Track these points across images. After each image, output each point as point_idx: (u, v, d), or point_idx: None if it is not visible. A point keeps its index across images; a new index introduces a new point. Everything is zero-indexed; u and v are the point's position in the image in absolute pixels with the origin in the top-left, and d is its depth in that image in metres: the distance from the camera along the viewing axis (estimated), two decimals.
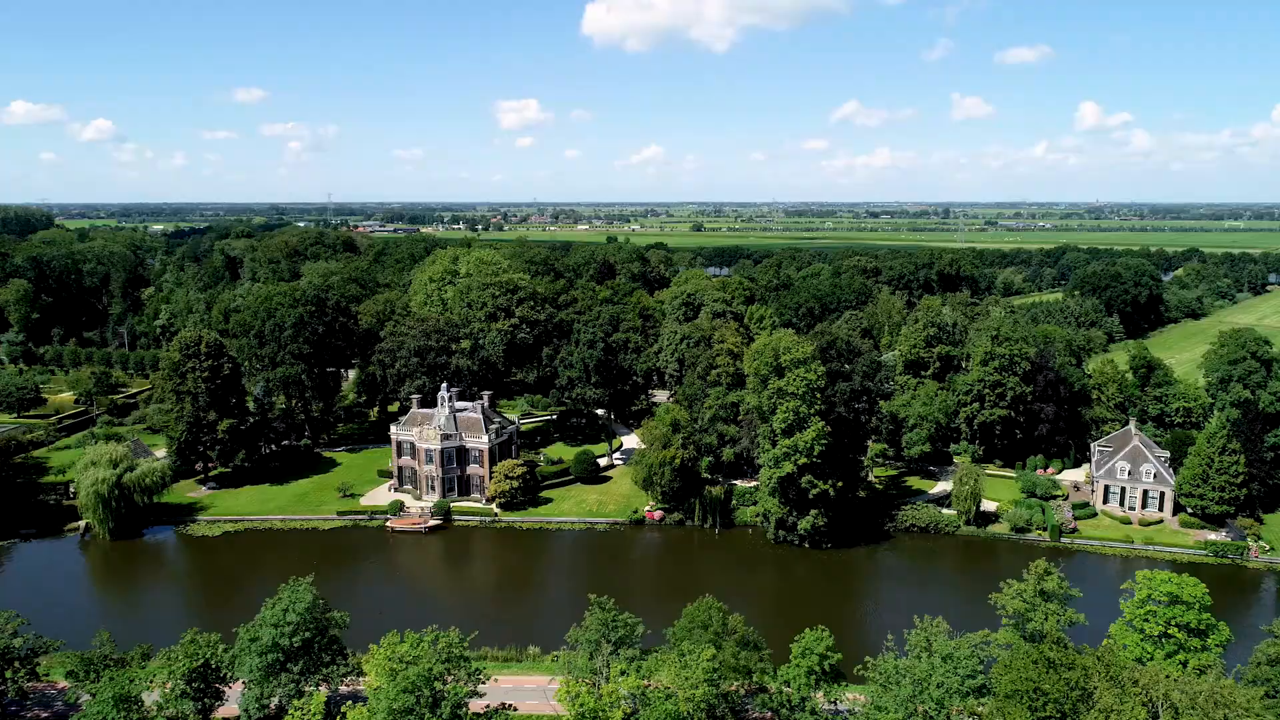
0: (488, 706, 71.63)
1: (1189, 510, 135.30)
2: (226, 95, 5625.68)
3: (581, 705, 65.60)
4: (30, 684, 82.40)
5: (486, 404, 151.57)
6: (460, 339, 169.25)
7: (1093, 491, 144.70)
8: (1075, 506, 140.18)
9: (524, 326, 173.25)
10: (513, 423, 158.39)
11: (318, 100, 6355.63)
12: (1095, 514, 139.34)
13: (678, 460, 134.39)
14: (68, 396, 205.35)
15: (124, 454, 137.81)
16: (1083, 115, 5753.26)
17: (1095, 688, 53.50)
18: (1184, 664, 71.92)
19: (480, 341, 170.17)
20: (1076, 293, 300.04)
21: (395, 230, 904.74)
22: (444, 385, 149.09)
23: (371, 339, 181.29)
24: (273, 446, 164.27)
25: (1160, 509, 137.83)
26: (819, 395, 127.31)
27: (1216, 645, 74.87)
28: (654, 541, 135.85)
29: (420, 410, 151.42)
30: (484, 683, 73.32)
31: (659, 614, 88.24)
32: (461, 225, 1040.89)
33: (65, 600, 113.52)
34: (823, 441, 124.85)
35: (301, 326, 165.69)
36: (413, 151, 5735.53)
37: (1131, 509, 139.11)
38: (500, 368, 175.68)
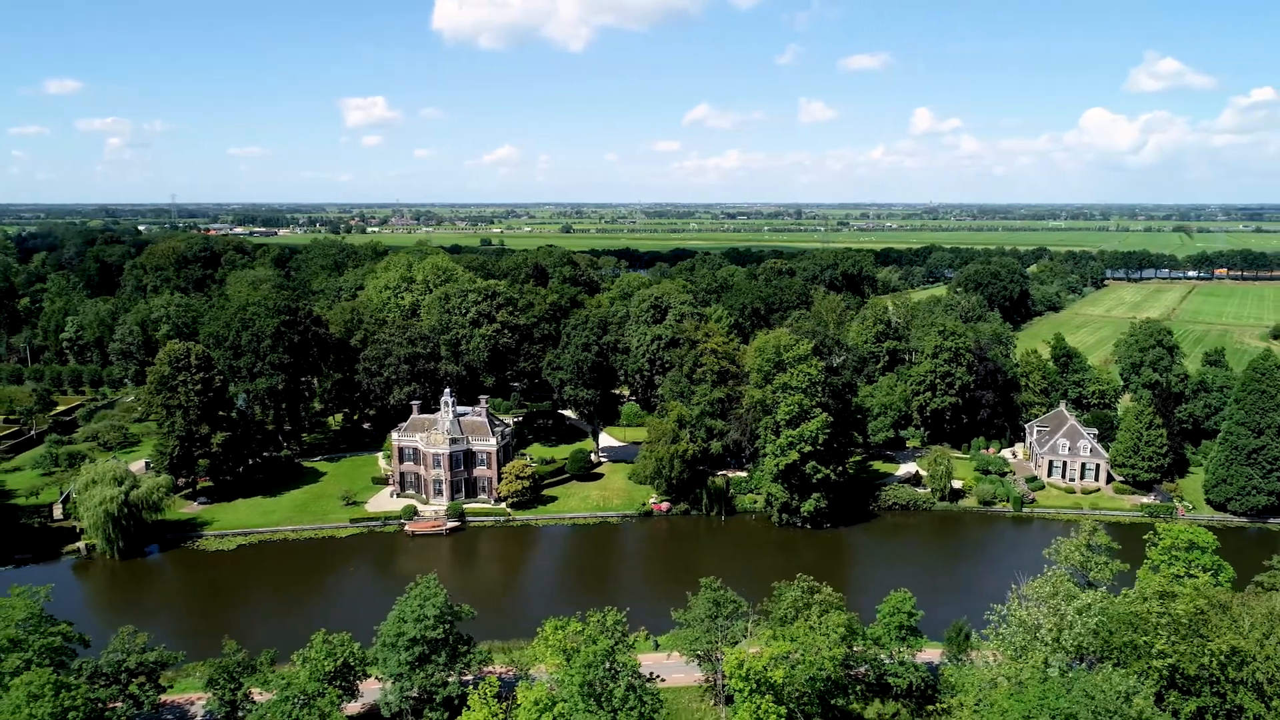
0: (639, 677, 78.95)
1: (1121, 479, 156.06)
2: (35, 87, 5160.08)
3: (747, 669, 73.92)
4: (160, 698, 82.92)
5: (487, 407, 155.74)
6: (440, 345, 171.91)
7: (1035, 466, 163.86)
8: (1027, 480, 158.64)
9: (505, 331, 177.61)
10: (509, 425, 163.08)
11: (142, 93, 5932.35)
12: (1043, 486, 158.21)
13: (689, 453, 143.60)
14: None
15: (125, 471, 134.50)
16: (917, 120, 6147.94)
17: (1205, 610, 66.97)
18: None
19: (463, 347, 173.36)
20: (960, 289, 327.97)
21: (251, 233, 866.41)
22: (446, 391, 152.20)
23: (341, 347, 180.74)
24: (256, 459, 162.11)
25: (1097, 479, 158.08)
26: (818, 388, 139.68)
27: (1226, 581, 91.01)
28: (668, 531, 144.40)
29: (422, 416, 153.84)
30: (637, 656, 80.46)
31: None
32: (321, 228, 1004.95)
33: (98, 620, 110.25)
34: (825, 431, 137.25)
35: (280, 337, 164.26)
36: (250, 150, 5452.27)
37: (1072, 480, 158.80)
38: (482, 373, 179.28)
